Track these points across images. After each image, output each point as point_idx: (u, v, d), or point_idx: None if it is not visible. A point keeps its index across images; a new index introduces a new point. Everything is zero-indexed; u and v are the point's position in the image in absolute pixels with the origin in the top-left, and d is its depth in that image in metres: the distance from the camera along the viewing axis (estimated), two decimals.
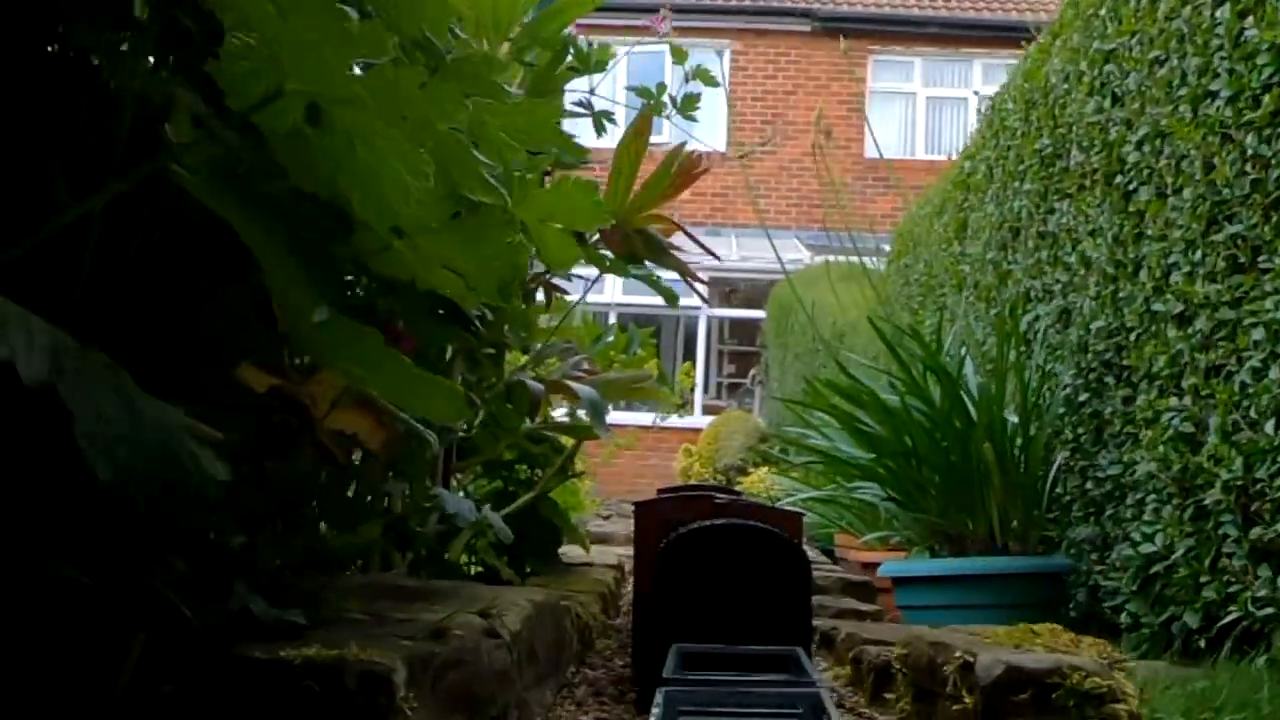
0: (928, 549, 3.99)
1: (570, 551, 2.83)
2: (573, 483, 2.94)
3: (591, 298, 13.25)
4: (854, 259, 8.75)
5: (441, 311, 1.45)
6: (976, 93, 17.61)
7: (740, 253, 17.36)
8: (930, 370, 3.82)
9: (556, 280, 2.26)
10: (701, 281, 2.24)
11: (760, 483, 10.06)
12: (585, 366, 2.38)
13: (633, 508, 2.39)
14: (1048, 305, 4.36)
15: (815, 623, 2.18)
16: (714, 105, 20.06)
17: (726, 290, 18.14)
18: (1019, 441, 3.76)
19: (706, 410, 15.25)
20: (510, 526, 2.38)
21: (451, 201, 1.07)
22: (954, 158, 7.16)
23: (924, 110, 19.32)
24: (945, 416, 3.72)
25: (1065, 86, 4.29)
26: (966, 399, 3.76)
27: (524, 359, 2.43)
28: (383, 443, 0.90)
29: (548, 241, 1.65)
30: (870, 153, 19.41)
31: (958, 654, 1.75)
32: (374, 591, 1.37)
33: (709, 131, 19.11)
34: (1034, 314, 4.50)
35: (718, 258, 2.76)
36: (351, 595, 1.24)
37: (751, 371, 16.62)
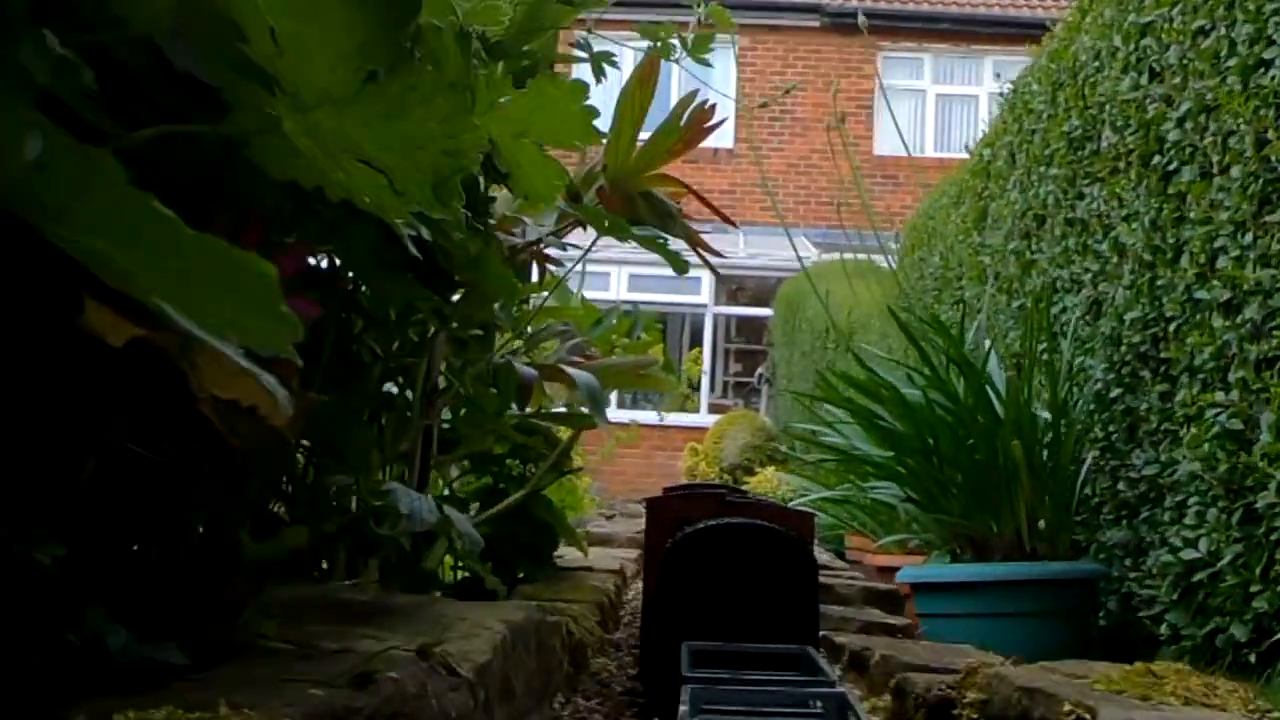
0: (949, 553, 3.75)
1: (568, 555, 2.61)
2: (570, 480, 2.70)
3: (596, 294, 13.05)
4: (864, 256, 8.55)
5: (400, 260, 1.20)
6: (999, 75, 17.37)
7: (748, 250, 17.15)
8: (954, 363, 3.59)
9: (550, 251, 2.03)
10: (714, 253, 2.01)
11: (767, 482, 9.86)
12: (584, 351, 2.15)
13: (643, 506, 2.32)
14: (1076, 296, 4.12)
15: (842, 640, 1.96)
16: (721, 102, 19.87)
17: (733, 288, 17.91)
18: (1047, 438, 3.53)
19: (712, 409, 15.03)
20: (499, 528, 2.16)
21: (363, 58, 0.80)
22: (969, 150, 6.94)
23: (934, 107, 19.06)
24: (970, 412, 3.48)
25: (1096, 64, 4.06)
26: (992, 394, 3.53)
27: (518, 343, 2.21)
28: (284, 417, 0.66)
29: (521, 163, 1.38)
30: (880, 149, 19.20)
31: (1068, 708, 1.44)
32: (316, 608, 1.13)
33: (716, 129, 18.97)
34: (1060, 305, 4.27)
35: (733, 224, 2.53)
36: (286, 613, 1.00)
37: (758, 370, 16.36)
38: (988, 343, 3.95)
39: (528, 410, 2.04)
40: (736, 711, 1.41)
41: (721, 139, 18.44)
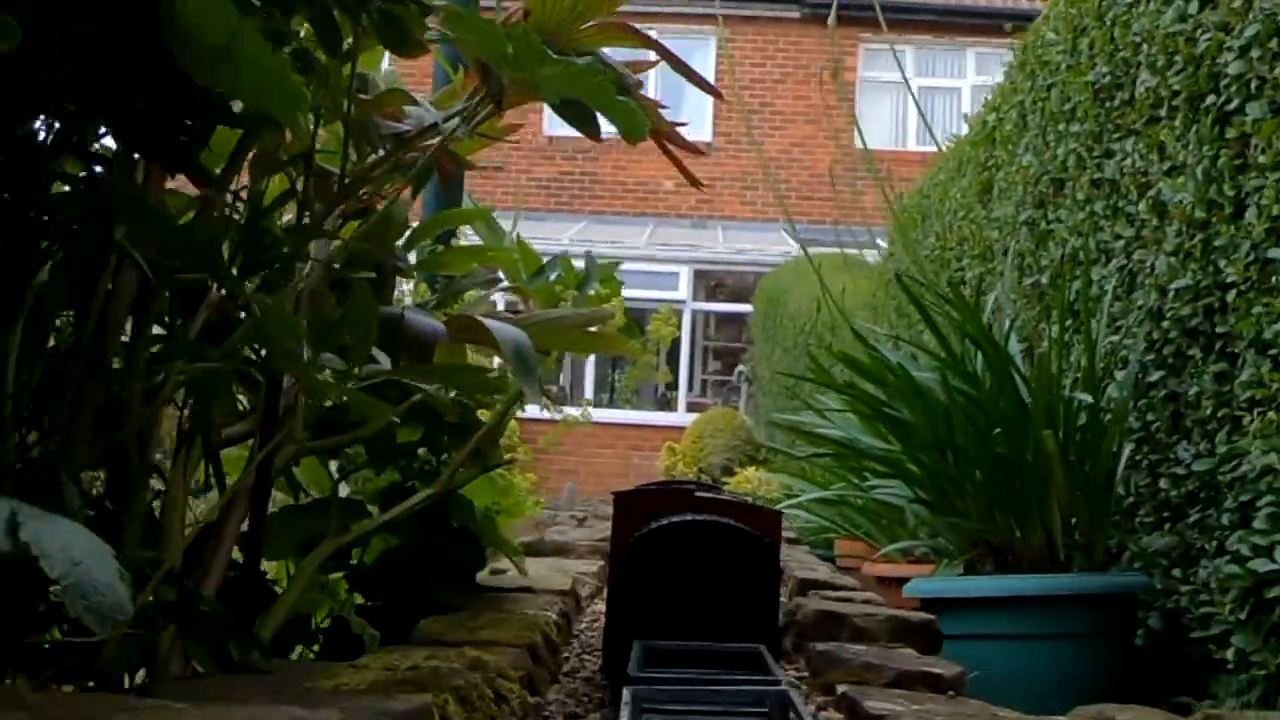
0: (964, 562, 3.22)
1: (508, 571, 2.07)
2: (505, 477, 2.13)
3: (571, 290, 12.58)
4: (854, 250, 8.09)
5: None
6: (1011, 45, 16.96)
7: (727, 244, 16.64)
8: (971, 341, 3.06)
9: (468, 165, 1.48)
10: (691, 149, 1.47)
11: (747, 483, 9.40)
12: (519, 308, 1.61)
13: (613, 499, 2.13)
14: (1104, 268, 3.60)
15: (877, 706, 1.42)
16: (699, 95, 19.32)
17: (712, 284, 17.39)
18: (1080, 423, 3.00)
19: (691, 408, 14.48)
20: (410, 538, 1.61)
21: None
22: (949, 139, 6.44)
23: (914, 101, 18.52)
24: (993, 398, 2.95)
25: (1128, 1, 3.54)
26: (1017, 377, 3.00)
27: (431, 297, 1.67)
28: None
29: None
30: (865, 143, 18.70)
31: None
32: None
33: (694, 122, 18.41)
34: (1083, 279, 3.74)
35: (719, 95, 1.99)
36: None
37: (738, 368, 15.82)
38: (1007, 320, 3.42)
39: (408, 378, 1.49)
40: (679, 711, 1.41)
41: (699, 132, 17.93)
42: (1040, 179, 4.22)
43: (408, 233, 1.55)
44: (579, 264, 1.91)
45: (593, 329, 1.47)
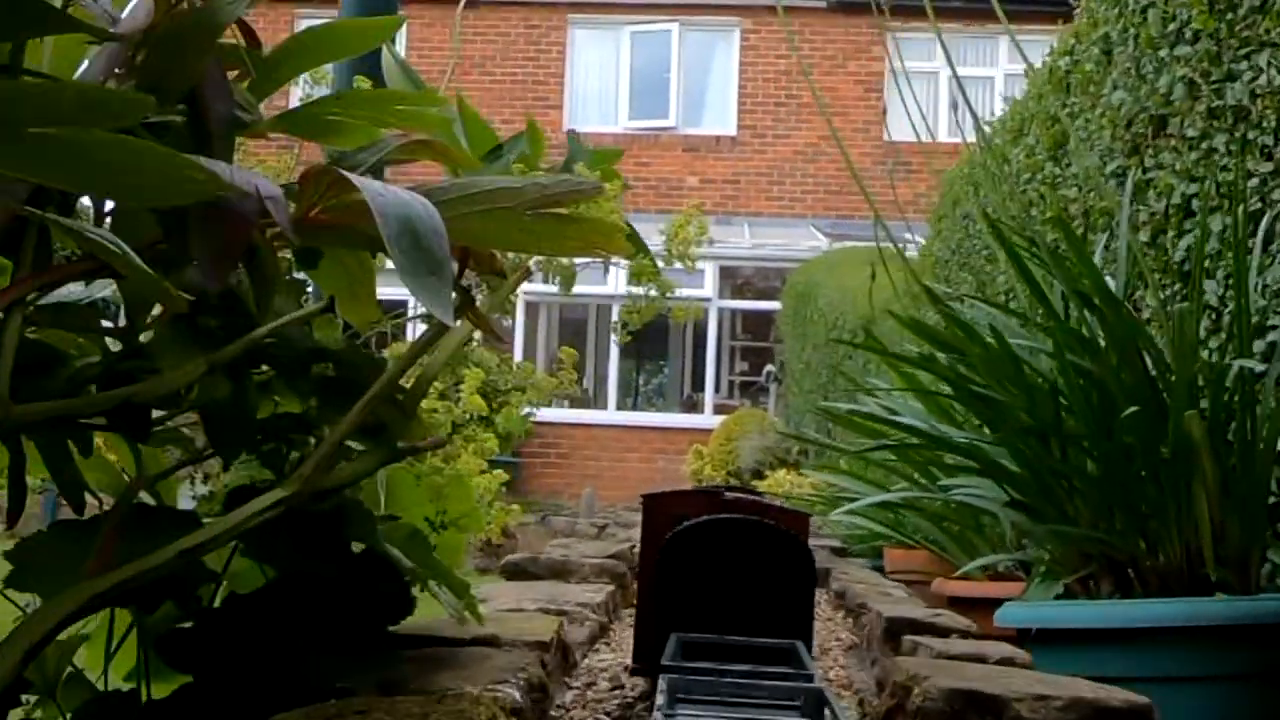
0: (1071, 580, 2.54)
1: (483, 602, 1.40)
2: (450, 471, 1.45)
3: (594, 289, 11.89)
4: (883, 244, 7.46)
5: None
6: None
7: (753, 240, 15.87)
8: (1083, 301, 2.38)
9: None
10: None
11: (779, 486, 8.74)
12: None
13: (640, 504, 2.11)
14: (1227, 215, 2.92)
15: None
16: (723, 87, 18.58)
17: (739, 282, 16.65)
18: (1232, 400, 2.31)
19: (718, 410, 13.75)
20: (282, 565, 0.95)
21: None
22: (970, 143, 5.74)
23: (947, 90, 17.73)
24: (1114, 372, 2.27)
25: None
26: (1146, 347, 2.32)
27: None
28: None
29: None
30: (893, 134, 17.99)
31: None
32: None
33: (718, 115, 17.70)
34: (1196, 233, 3.06)
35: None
36: None
37: (766, 368, 15.04)
38: (1112, 280, 2.72)
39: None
40: (713, 701, 1.40)
41: (724, 125, 17.21)
42: (1135, 119, 3.54)
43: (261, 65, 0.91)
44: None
45: (561, 210, 0.83)
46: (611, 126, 16.76)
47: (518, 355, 13.44)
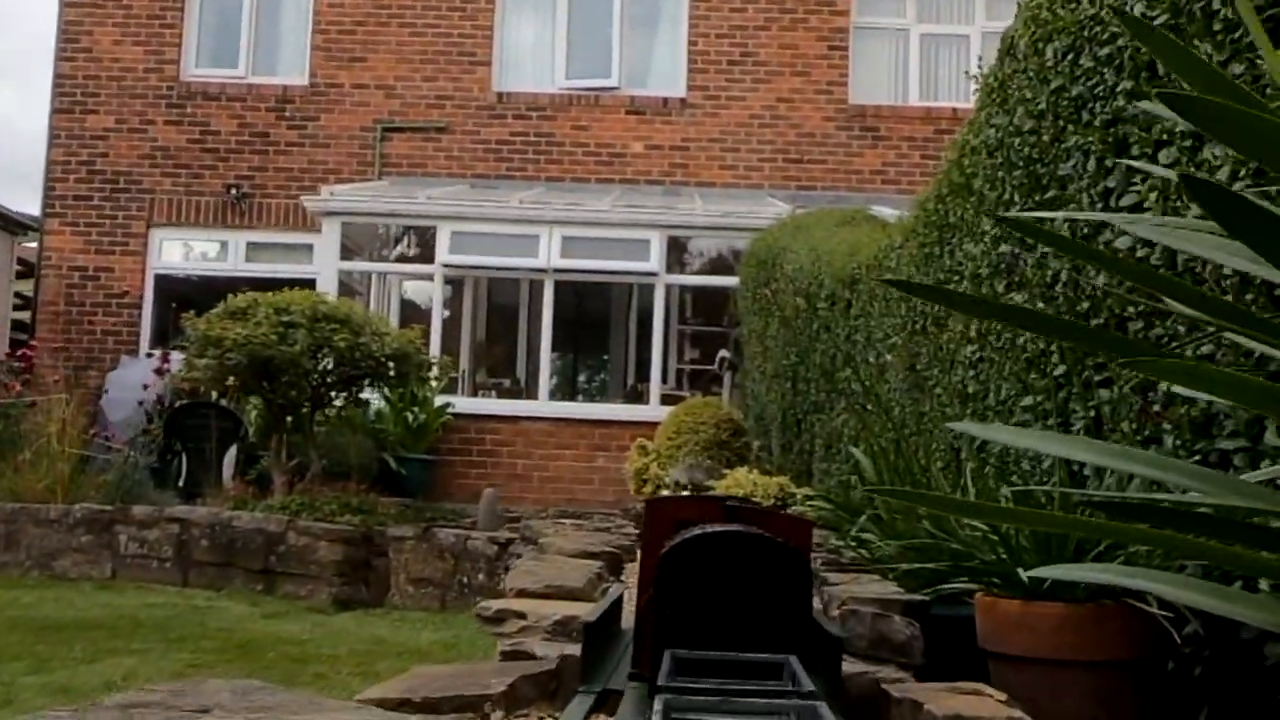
0: None
1: None
2: None
3: (522, 260, 10.23)
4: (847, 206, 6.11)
5: None
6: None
7: (705, 211, 14.33)
8: None
9: None
10: None
11: (739, 486, 7.41)
12: None
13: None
14: None
15: None
16: (671, 45, 17.00)
17: (689, 256, 15.14)
18: None
19: (665, 400, 12.27)
20: None
21: None
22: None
23: (917, 49, 16.20)
24: None
25: None
26: None
27: None
28: None
29: None
30: (857, 97, 16.54)
31: None
32: None
33: (666, 75, 16.11)
34: None
35: None
36: None
37: (721, 353, 13.48)
38: None
39: None
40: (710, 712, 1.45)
41: (672, 86, 15.57)
42: None
43: None
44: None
45: None
46: (547, 87, 15.10)
47: (436, 338, 11.90)
